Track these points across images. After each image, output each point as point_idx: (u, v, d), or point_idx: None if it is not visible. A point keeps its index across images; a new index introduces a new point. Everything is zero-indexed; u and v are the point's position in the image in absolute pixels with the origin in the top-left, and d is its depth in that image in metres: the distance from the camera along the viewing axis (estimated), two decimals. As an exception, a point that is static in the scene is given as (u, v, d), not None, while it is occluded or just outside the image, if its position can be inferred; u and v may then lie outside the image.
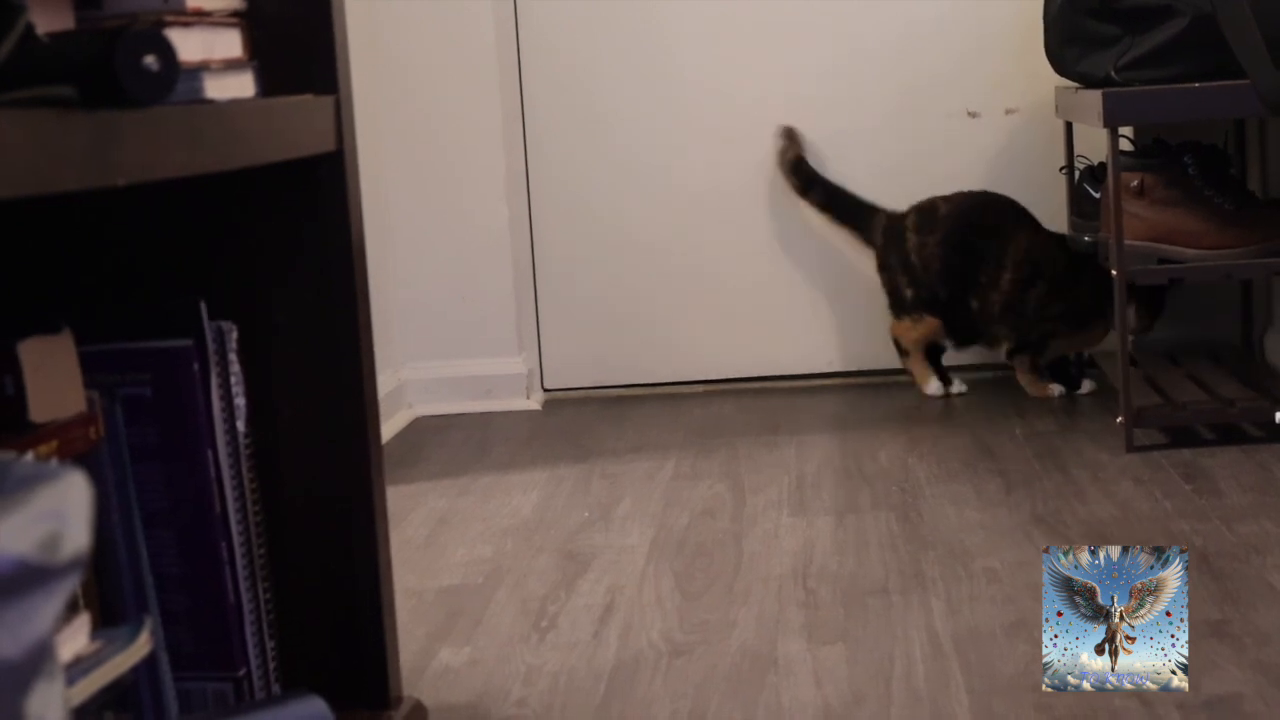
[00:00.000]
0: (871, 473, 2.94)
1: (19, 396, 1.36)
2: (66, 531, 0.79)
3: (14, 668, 0.75)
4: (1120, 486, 2.73)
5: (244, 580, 1.56)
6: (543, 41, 3.78)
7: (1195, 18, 2.99)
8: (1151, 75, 3.03)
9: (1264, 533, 2.41)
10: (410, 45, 3.71)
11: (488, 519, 2.78)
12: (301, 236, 1.62)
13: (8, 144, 1.06)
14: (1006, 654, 1.99)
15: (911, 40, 3.76)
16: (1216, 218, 3.09)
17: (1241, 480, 2.72)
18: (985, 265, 3.47)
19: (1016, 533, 2.50)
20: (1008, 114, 3.77)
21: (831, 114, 3.78)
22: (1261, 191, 3.41)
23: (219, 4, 1.51)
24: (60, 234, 1.61)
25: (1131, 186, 3.10)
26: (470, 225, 3.77)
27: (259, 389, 1.62)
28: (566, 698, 1.94)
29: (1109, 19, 3.09)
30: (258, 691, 1.57)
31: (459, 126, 3.75)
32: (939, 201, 3.54)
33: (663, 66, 3.78)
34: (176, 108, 1.31)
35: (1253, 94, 2.97)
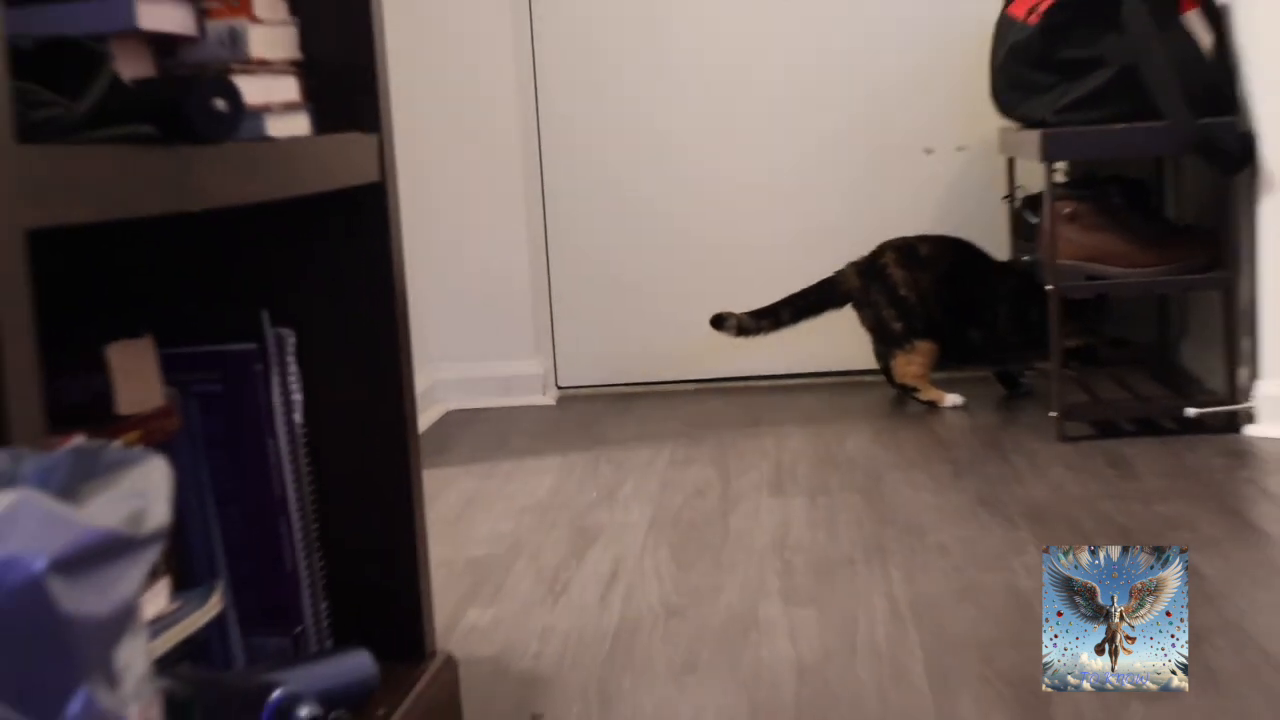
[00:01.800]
0: (840, 460, 2.95)
1: (108, 393, 1.36)
2: (149, 508, 0.80)
3: (105, 624, 0.76)
4: (1053, 471, 2.74)
5: (300, 550, 1.56)
6: (558, 111, 3.79)
7: (1121, 68, 3.00)
8: (1083, 118, 3.04)
9: (1177, 512, 2.41)
10: (442, 90, 3.71)
11: (509, 499, 2.78)
12: (349, 255, 1.62)
13: (98, 174, 1.06)
14: (955, 616, 1.99)
15: (876, 87, 3.77)
16: (1138, 241, 3.09)
17: (1157, 466, 2.72)
18: (979, 299, 3.43)
19: (964, 511, 2.50)
20: (958, 150, 3.77)
21: (802, 154, 3.78)
22: (1177, 218, 3.41)
23: (279, 55, 1.51)
24: (143, 252, 1.61)
25: (1065, 213, 3.10)
26: (494, 246, 3.77)
27: (313, 386, 1.62)
28: (577, 652, 1.95)
29: (1046, 69, 3.09)
30: (312, 646, 1.57)
31: (485, 167, 3.75)
32: (916, 242, 3.48)
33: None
34: (242, 144, 1.31)
35: (1169, 135, 2.97)
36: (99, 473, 0.84)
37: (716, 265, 3.79)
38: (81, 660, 0.74)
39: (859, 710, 1.70)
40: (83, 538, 0.74)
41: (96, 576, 0.75)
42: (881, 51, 3.75)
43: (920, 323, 3.42)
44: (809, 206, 3.79)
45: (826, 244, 3.69)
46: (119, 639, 0.76)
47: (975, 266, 3.46)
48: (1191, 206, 3.37)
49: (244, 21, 1.44)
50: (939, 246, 3.47)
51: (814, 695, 1.75)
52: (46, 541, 0.72)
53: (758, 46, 3.77)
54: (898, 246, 3.48)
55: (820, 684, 1.79)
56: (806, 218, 3.79)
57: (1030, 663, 1.80)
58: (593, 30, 3.77)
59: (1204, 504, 2.45)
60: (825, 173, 3.79)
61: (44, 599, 0.72)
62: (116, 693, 0.75)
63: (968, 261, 3.46)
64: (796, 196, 3.79)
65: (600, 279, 3.82)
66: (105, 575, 0.75)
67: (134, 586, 0.78)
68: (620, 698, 1.78)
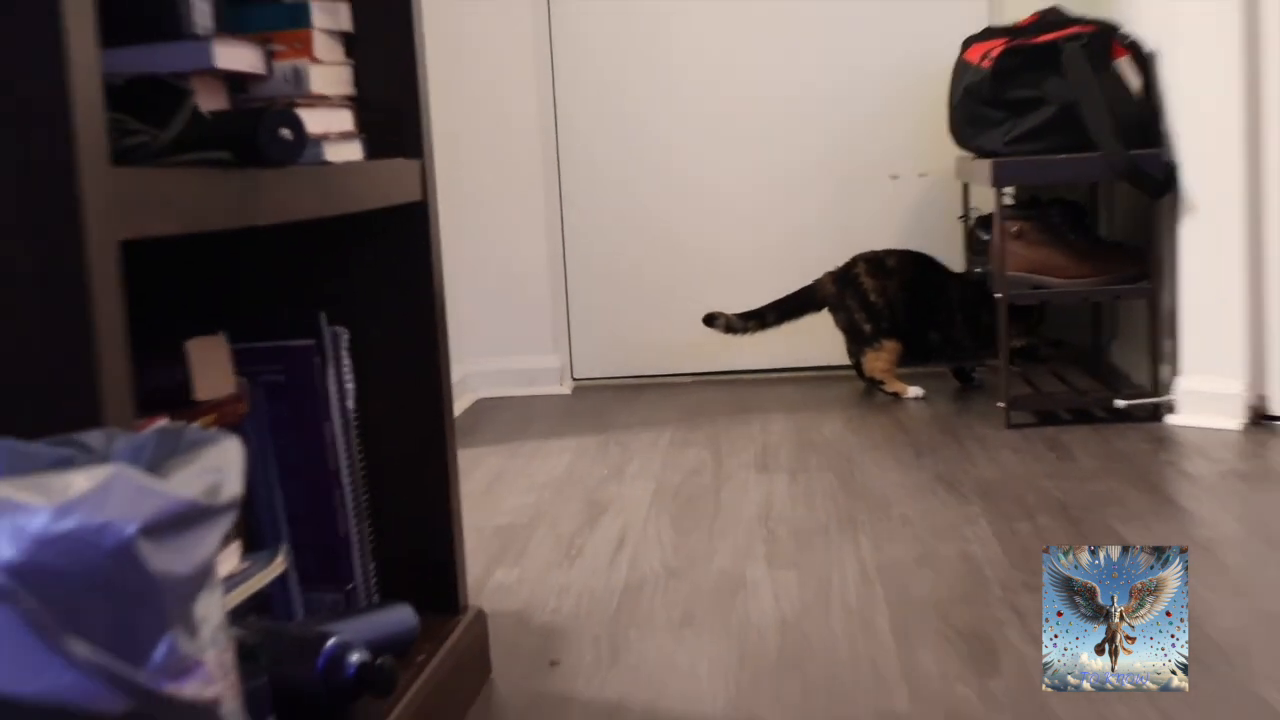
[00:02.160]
0: (817, 443, 2.95)
1: (187, 382, 1.37)
2: (224, 482, 0.80)
3: (186, 580, 0.76)
4: (1001, 454, 2.73)
5: (352, 518, 1.56)
6: (575, 139, 3.79)
7: (1061, 107, 2.99)
8: (1028, 148, 3.03)
9: (1107, 489, 2.41)
10: (475, 120, 3.70)
11: (531, 475, 2.78)
12: (395, 263, 1.62)
13: (180, 194, 1.07)
14: (916, 579, 1.99)
15: (850, 120, 3.76)
16: (1075, 255, 3.09)
17: (1091, 450, 2.72)
18: (937, 305, 3.43)
19: (924, 488, 2.50)
20: (920, 176, 3.77)
21: (786, 177, 3.78)
22: (1109, 236, 3.40)
23: (336, 91, 1.51)
24: (218, 260, 1.61)
25: (1012, 231, 3.10)
26: (518, 256, 3.77)
27: (364, 377, 1.62)
28: (589, 607, 1.95)
29: (997, 106, 3.09)
30: (362, 601, 1.57)
31: (511, 188, 3.75)
32: (884, 255, 3.46)
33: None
34: (304, 168, 1.31)
35: (1103, 164, 2.97)
36: (180, 451, 0.84)
37: (712, 273, 3.79)
38: (166, 612, 0.74)
39: (832, 658, 1.70)
40: (167, 506, 0.74)
41: (179, 540, 0.75)
42: (856, 90, 3.75)
43: (887, 325, 3.42)
44: (792, 223, 3.79)
45: (806, 255, 3.69)
46: (198, 594, 0.77)
47: (935, 276, 3.46)
48: (1121, 226, 3.37)
49: (306, 62, 1.44)
50: (904, 259, 3.47)
51: (794, 646, 1.76)
52: (136, 510, 0.72)
53: (750, 81, 3.76)
54: (868, 258, 3.47)
55: (799, 636, 1.79)
56: (789, 232, 3.78)
57: (980, 619, 1.80)
58: (606, 65, 3.77)
59: (1130, 482, 2.45)
60: (806, 193, 3.79)
61: (134, 559, 0.72)
62: (195, 640, 0.76)
63: (928, 272, 3.46)
64: (781, 214, 3.79)
65: (610, 285, 3.82)
66: (186, 539, 0.76)
67: (211, 549, 0.78)
68: (627, 647, 1.78)
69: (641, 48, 3.76)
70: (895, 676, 1.63)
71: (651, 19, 3.75)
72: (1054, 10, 3.22)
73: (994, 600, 1.87)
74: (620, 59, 3.76)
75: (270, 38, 1.43)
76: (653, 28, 3.76)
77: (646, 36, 3.76)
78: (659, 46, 3.76)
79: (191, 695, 0.74)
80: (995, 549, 2.10)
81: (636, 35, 3.76)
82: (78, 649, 0.69)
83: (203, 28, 1.32)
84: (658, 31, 3.76)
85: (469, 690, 1.63)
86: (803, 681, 1.64)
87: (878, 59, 3.73)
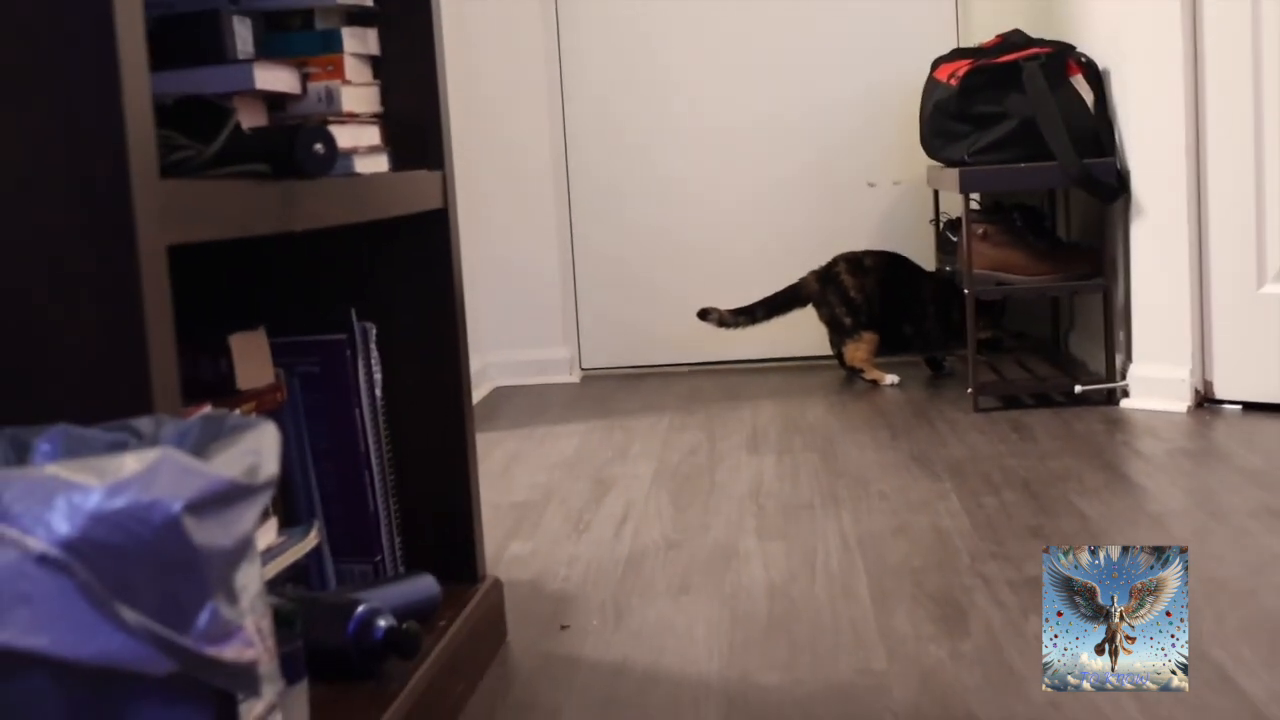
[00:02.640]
0: (802, 426, 2.94)
1: (230, 372, 1.37)
2: (262, 463, 0.80)
3: (227, 553, 0.76)
4: (969, 435, 2.73)
5: (380, 496, 1.56)
6: (582, 153, 3.78)
7: (1022, 120, 2.99)
8: (992, 159, 3.03)
9: (1066, 467, 2.40)
10: (492, 134, 3.70)
11: (543, 456, 2.78)
12: (419, 265, 1.62)
13: (223, 203, 1.07)
14: (892, 549, 1.99)
15: (831, 134, 3.76)
16: (1035, 255, 3.08)
17: (1051, 431, 2.71)
18: (911, 301, 3.42)
19: (900, 466, 2.50)
20: (895, 184, 3.76)
21: (774, 185, 3.78)
22: (1066, 236, 3.40)
23: (364, 109, 1.51)
24: (258, 262, 1.61)
25: (978, 234, 3.09)
26: (531, 258, 3.77)
27: (390, 368, 1.62)
28: (596, 576, 1.94)
29: (963, 120, 3.08)
30: (388, 571, 1.58)
31: (525, 196, 3.75)
32: (862, 255, 3.45)
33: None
34: (336, 179, 1.31)
35: (1060, 172, 2.97)
36: (223, 435, 0.84)
37: (707, 273, 3.78)
38: (209, 582, 0.74)
39: (816, 621, 1.70)
40: (210, 486, 0.74)
41: (221, 516, 0.75)
42: (836, 107, 3.74)
43: (865, 318, 3.42)
44: (779, 227, 3.78)
45: (792, 257, 3.68)
46: (238, 565, 0.77)
47: (908, 274, 3.45)
48: (1077, 228, 3.37)
49: (337, 83, 1.44)
50: (880, 259, 3.46)
51: (782, 609, 1.75)
52: (182, 489, 0.72)
53: (741, 99, 3.75)
54: (848, 258, 3.47)
55: (787, 601, 1.79)
56: (777, 236, 3.78)
57: (950, 585, 1.80)
58: (610, 84, 3.76)
59: (1087, 460, 2.45)
60: (792, 200, 3.78)
61: (180, 533, 0.72)
62: (235, 607, 0.75)
63: (902, 271, 3.45)
64: (769, 219, 3.78)
65: (615, 283, 3.81)
66: (227, 515, 0.76)
67: (250, 524, 0.78)
68: (630, 612, 1.78)
69: (643, 68, 3.75)
70: (874, 638, 1.63)
71: (652, 41, 3.75)
72: (1015, 33, 3.22)
73: (963, 568, 1.87)
74: (623, 78, 3.75)
75: (305, 61, 1.43)
76: (653, 49, 3.75)
77: (649, 61, 3.75)
78: (659, 66, 3.75)
79: (232, 657, 0.74)
80: (964, 521, 2.10)
81: (638, 56, 3.75)
82: (128, 616, 0.69)
83: (244, 53, 1.32)
84: (658, 52, 3.75)
85: (487, 652, 1.63)
86: (789, 642, 1.64)
87: (856, 78, 3.73)
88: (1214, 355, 2.85)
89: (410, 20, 1.59)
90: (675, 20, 3.74)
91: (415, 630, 1.37)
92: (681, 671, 1.57)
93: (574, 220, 3.79)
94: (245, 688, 0.75)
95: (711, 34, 3.74)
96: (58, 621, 0.67)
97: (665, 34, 3.74)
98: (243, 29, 1.32)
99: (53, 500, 0.68)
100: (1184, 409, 2.84)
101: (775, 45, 3.73)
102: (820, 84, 3.73)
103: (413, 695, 1.34)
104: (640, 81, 3.76)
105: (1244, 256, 2.77)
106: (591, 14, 3.74)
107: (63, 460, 0.79)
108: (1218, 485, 2.24)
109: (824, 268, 3.48)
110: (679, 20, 3.74)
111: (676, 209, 3.79)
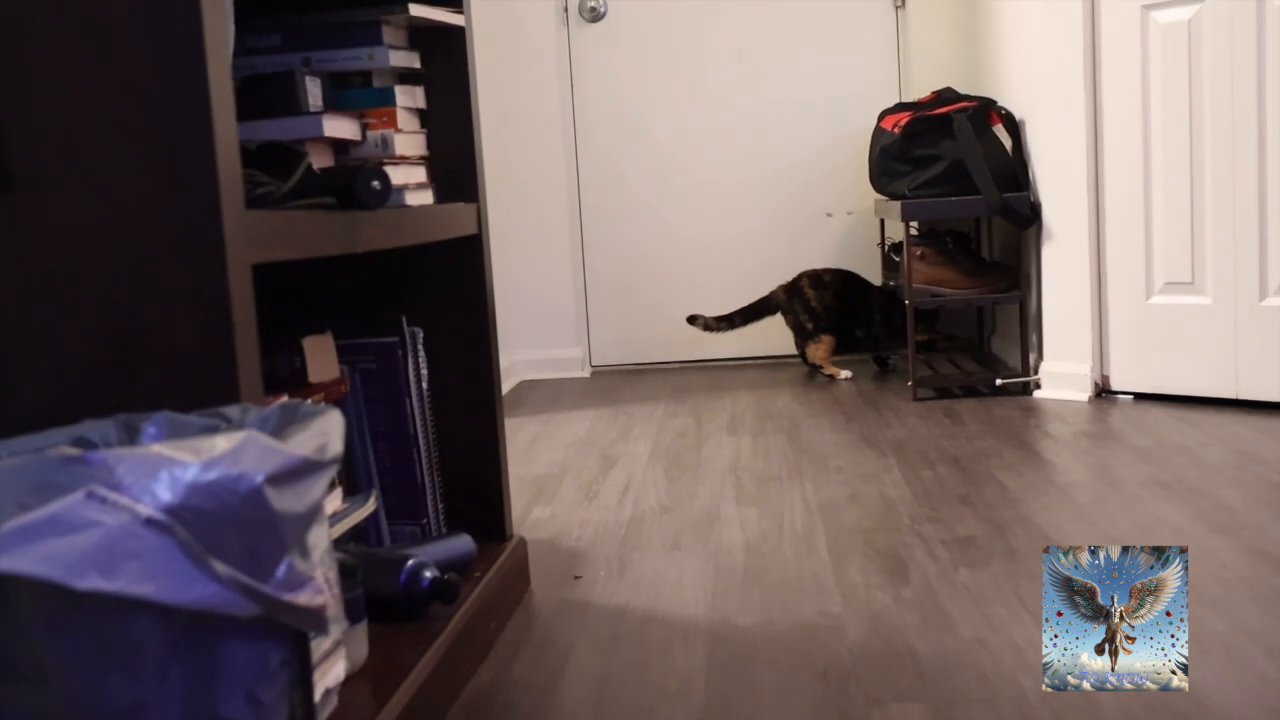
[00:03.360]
0: (773, 412, 2.94)
1: (303, 368, 1.37)
2: (330, 443, 0.80)
3: (301, 517, 0.76)
4: (909, 420, 2.73)
5: (426, 469, 1.56)
6: (591, 195, 3.77)
7: (953, 161, 2.98)
8: (928, 193, 3.02)
9: (989, 446, 2.40)
10: (518, 173, 3.69)
11: (560, 438, 2.78)
12: (458, 280, 1.62)
13: (297, 229, 1.07)
14: (847, 513, 1.99)
15: (796, 173, 3.74)
16: (964, 272, 3.08)
17: (977, 416, 2.71)
18: (861, 309, 3.42)
19: (853, 446, 2.50)
20: (849, 214, 3.75)
21: (749, 216, 3.77)
22: (990, 256, 3.39)
23: (413, 152, 1.51)
24: (326, 279, 1.61)
25: (917, 255, 3.09)
26: (550, 274, 3.76)
27: (434, 365, 1.62)
28: (604, 535, 1.94)
29: (904, 161, 3.08)
30: (433, 531, 1.58)
31: (544, 223, 3.74)
32: (821, 272, 3.43)
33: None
34: (390, 209, 1.31)
35: (984, 204, 2.96)
36: (297, 420, 0.84)
37: (694, 289, 3.77)
38: (286, 540, 0.74)
39: (784, 572, 1.70)
40: (287, 461, 0.74)
41: (296, 486, 0.75)
42: (803, 154, 3.73)
43: (824, 324, 3.41)
44: (753, 249, 3.77)
45: (764, 275, 3.67)
46: (310, 527, 0.77)
47: (860, 288, 3.44)
48: (998, 249, 3.36)
49: (391, 131, 1.44)
50: (837, 275, 3.46)
51: (756, 563, 1.75)
52: (264, 464, 0.72)
53: (723, 154, 3.74)
54: (810, 275, 3.46)
55: (760, 556, 1.78)
56: (752, 258, 3.76)
57: (894, 543, 1.80)
58: (615, 142, 3.75)
59: (1007, 441, 2.45)
60: (764, 227, 3.76)
61: (262, 501, 0.72)
62: (308, 561, 0.76)
63: (855, 284, 3.45)
64: (746, 246, 3.77)
65: (619, 297, 3.80)
66: (301, 485, 0.76)
67: (320, 493, 0.78)
68: (631, 565, 1.78)
69: (640, 126, 3.74)
70: (831, 586, 1.63)
71: (647, 104, 3.74)
72: (947, 90, 3.21)
73: (905, 529, 1.87)
74: (624, 137, 3.74)
75: (365, 113, 1.43)
76: (649, 110, 3.74)
77: (644, 118, 3.74)
78: (655, 123, 3.74)
79: (305, 602, 0.74)
80: (905, 491, 2.10)
81: (636, 119, 3.74)
82: (219, 568, 0.69)
83: (314, 106, 1.32)
84: (654, 112, 3.74)
85: (514, 598, 1.63)
86: (762, 590, 1.64)
87: (819, 130, 3.71)
88: (1110, 354, 2.85)
89: (451, 80, 1.59)
90: (671, 85, 3.73)
91: (455, 580, 1.37)
92: (674, 614, 1.57)
93: (585, 246, 3.79)
94: (316, 627, 0.75)
95: (700, 98, 3.72)
96: (162, 573, 0.68)
97: (661, 98, 3.73)
98: (313, 87, 1.32)
99: (157, 473, 0.69)
100: (1086, 398, 2.83)
101: (752, 105, 3.72)
102: (790, 137, 3.72)
103: (453, 634, 1.34)
104: (638, 137, 3.75)
105: (1135, 272, 2.77)
106: (599, 90, 3.72)
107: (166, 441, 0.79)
108: (1113, 461, 2.24)
109: (790, 282, 3.48)
110: (674, 85, 3.73)
111: (670, 238, 3.78)
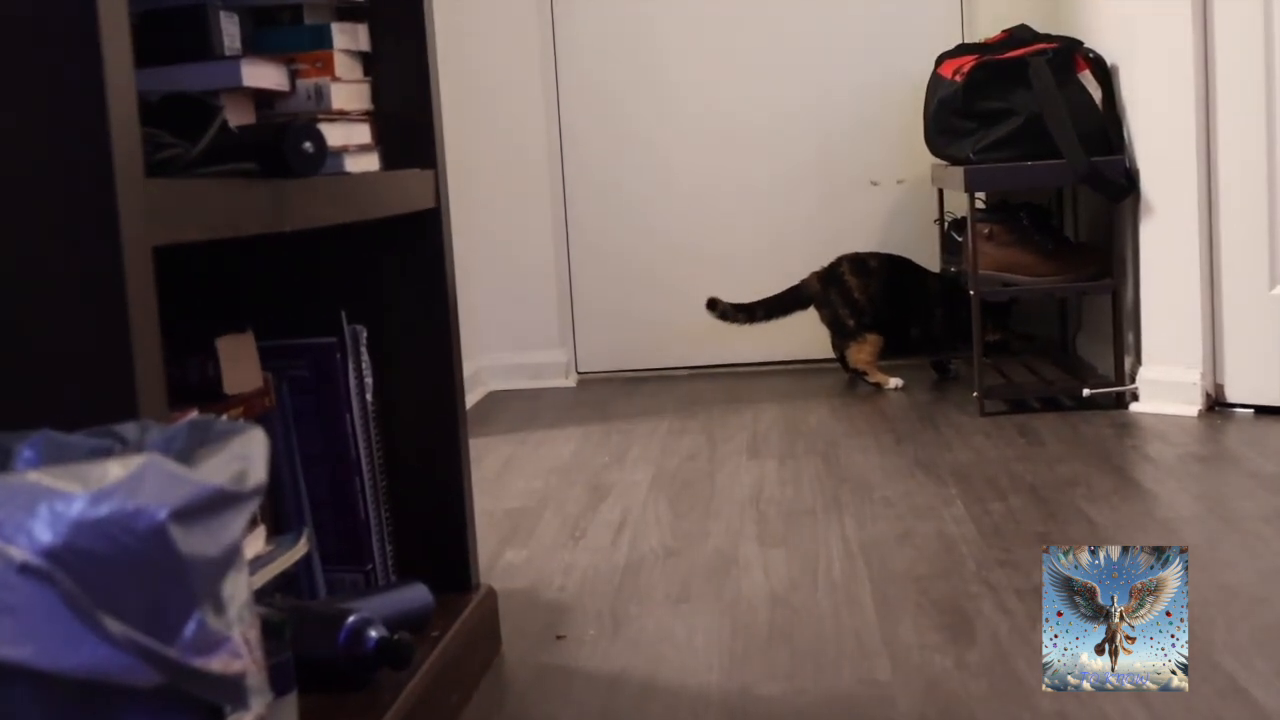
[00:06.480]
0: (804, 430, 2.94)
1: (216, 376, 1.37)
2: (250, 469, 0.80)
3: (214, 561, 0.76)
4: (975, 440, 2.73)
5: (371, 503, 1.56)
6: (578, 155, 3.78)
7: (1028, 117, 2.99)
8: (998, 156, 3.03)
9: (1074, 472, 2.41)
10: (486, 133, 3.70)
11: (539, 461, 2.78)
12: (411, 266, 1.62)
13: (210, 202, 1.07)
14: (897, 556, 1.99)
15: (833, 132, 3.76)
16: (1042, 255, 3.08)
17: (1059, 435, 2.71)
18: (915, 302, 3.42)
19: (904, 472, 2.50)
20: (899, 183, 3.76)
21: (775, 186, 3.78)
22: (1074, 236, 3.40)
23: (355, 106, 1.51)
24: (246, 263, 1.61)
25: (984, 233, 3.10)
26: (527, 259, 3.77)
27: (382, 371, 1.62)
28: (593, 585, 1.94)
29: (968, 117, 3.09)
30: (380, 580, 1.57)
31: (520, 196, 3.75)
32: (866, 256, 3.45)
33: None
34: (326, 177, 1.31)
35: (1067, 170, 2.97)
36: (210, 441, 0.84)
37: (706, 273, 3.77)
38: (195, 591, 0.74)
39: (819, 630, 1.70)
40: (197, 492, 0.74)
41: (208, 523, 0.75)
42: (839, 104, 3.74)
43: (869, 320, 3.42)
44: (780, 227, 3.78)
45: (793, 257, 3.68)
46: (225, 574, 0.76)
47: (913, 276, 3.45)
48: (1085, 227, 3.37)
49: (327, 80, 1.44)
50: (884, 260, 3.47)
51: (783, 619, 1.75)
52: (168, 495, 0.72)
53: (742, 96, 3.75)
54: (851, 259, 3.47)
55: (788, 610, 1.79)
56: (778, 236, 3.78)
57: (956, 593, 1.80)
58: (607, 80, 3.76)
59: (1096, 465, 2.45)
60: (793, 200, 3.78)
61: (166, 542, 0.72)
62: (223, 617, 0.75)
63: (907, 272, 3.46)
64: (769, 218, 3.78)
65: (612, 284, 3.81)
66: (215, 523, 0.76)
67: (237, 532, 0.78)
68: (628, 621, 1.78)
69: (641, 64, 3.76)
70: (877, 647, 1.63)
71: (649, 33, 3.75)
72: (1021, 28, 3.22)
73: (969, 575, 1.87)
74: (621, 75, 3.76)
75: (294, 58, 1.43)
76: (651, 41, 3.75)
77: (646, 53, 3.75)
78: (658, 63, 3.76)
79: (219, 669, 0.74)
80: (970, 528, 2.10)
81: (637, 52, 3.75)
82: (112, 626, 0.69)
83: (231, 49, 1.32)
84: (657, 48, 3.75)
85: (480, 663, 1.63)
86: (791, 652, 1.63)
87: (859, 74, 3.73)
88: (1225, 358, 2.85)
89: (402, 15, 1.59)
90: (674, 10, 3.74)
91: (407, 641, 1.37)
92: (680, 683, 1.57)
93: (570, 217, 3.79)
94: (233, 700, 0.75)
95: (712, 25, 3.74)
96: (41, 632, 0.67)
97: (663, 25, 3.75)
98: (230, 25, 1.32)
99: (35, 508, 0.68)
100: (1194, 413, 2.84)
101: (776, 37, 3.73)
102: (822, 78, 3.73)
103: (405, 707, 1.34)
104: (638, 75, 3.76)
105: (1256, 256, 2.78)
106: (587, 4, 3.74)
107: (45, 467, 0.79)
108: (1229, 490, 2.24)
109: (827, 268, 3.49)
110: (678, 11, 3.74)
111: (676, 204, 3.79)
